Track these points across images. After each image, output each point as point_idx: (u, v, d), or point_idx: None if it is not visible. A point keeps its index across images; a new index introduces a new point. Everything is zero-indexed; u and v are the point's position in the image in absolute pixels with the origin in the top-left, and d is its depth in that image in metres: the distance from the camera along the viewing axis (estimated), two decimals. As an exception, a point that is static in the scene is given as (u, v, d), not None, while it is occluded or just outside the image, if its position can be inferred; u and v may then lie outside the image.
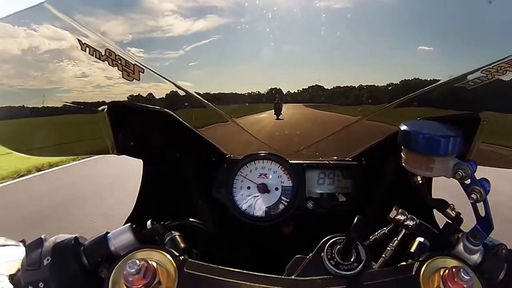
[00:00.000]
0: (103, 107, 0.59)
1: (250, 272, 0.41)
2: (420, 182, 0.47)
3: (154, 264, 0.39)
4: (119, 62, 0.57)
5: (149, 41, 0.60)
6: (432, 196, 0.57)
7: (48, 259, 0.41)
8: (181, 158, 0.70)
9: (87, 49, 0.56)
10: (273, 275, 0.41)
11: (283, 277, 0.42)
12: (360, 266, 0.41)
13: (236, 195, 0.65)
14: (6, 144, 0.62)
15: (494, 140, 0.59)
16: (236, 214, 0.63)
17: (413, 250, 0.46)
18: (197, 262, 0.42)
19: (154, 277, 0.37)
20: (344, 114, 0.67)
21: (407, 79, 0.61)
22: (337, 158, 0.71)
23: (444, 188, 0.67)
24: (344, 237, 0.43)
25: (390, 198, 0.60)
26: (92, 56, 0.56)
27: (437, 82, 0.58)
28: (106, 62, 0.56)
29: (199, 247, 0.55)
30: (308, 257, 0.44)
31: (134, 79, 0.58)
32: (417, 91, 0.59)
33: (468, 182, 0.41)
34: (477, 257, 0.43)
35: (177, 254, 0.42)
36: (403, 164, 0.47)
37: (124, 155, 0.63)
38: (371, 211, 0.66)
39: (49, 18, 0.57)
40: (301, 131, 0.71)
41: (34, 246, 0.43)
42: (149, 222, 0.50)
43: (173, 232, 0.51)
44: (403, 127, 0.45)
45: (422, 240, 0.47)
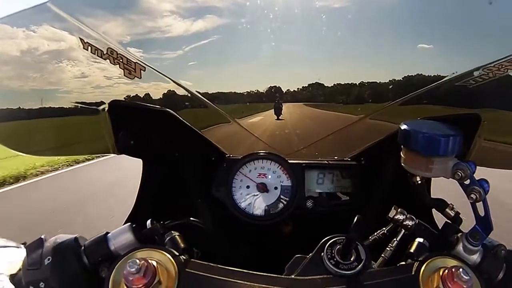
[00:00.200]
0: (104, 107, 0.59)
1: (250, 271, 0.41)
2: (419, 182, 0.47)
3: (154, 263, 0.39)
4: (121, 61, 0.57)
5: (148, 41, 0.60)
6: (431, 196, 0.57)
7: (48, 259, 0.41)
8: (181, 157, 0.70)
9: (89, 48, 0.56)
10: (273, 275, 0.42)
11: (283, 276, 0.42)
12: (360, 266, 0.41)
13: (235, 194, 0.65)
14: (8, 144, 0.62)
15: (496, 137, 0.58)
16: (235, 213, 0.64)
17: (412, 250, 0.46)
18: (197, 261, 0.42)
19: (154, 276, 0.37)
20: (345, 113, 0.66)
21: (410, 75, 0.60)
22: (337, 158, 0.71)
23: (443, 188, 0.67)
24: (343, 237, 0.43)
25: (389, 198, 0.59)
26: (94, 54, 0.56)
27: (440, 78, 0.57)
28: (108, 61, 0.56)
29: (199, 247, 0.55)
30: (308, 256, 0.44)
31: (135, 77, 0.58)
32: (419, 89, 0.58)
33: (467, 182, 0.41)
34: (476, 257, 0.43)
35: (177, 254, 0.42)
36: (402, 164, 0.47)
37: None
38: (371, 211, 0.66)
39: (48, 19, 0.57)
40: (301, 131, 0.71)
41: (35, 246, 0.44)
42: (149, 222, 0.50)
43: (173, 231, 0.51)
44: (403, 127, 0.45)
45: (421, 240, 0.47)
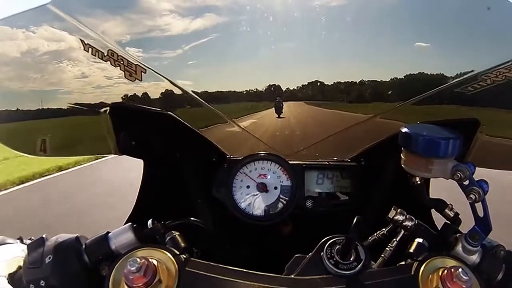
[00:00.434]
0: (105, 109, 0.60)
1: (250, 271, 0.41)
2: (418, 182, 0.47)
3: (155, 262, 0.39)
4: (121, 62, 0.57)
5: (147, 40, 0.60)
6: (429, 196, 0.57)
7: (49, 258, 0.42)
8: (181, 158, 0.70)
9: (90, 49, 0.56)
10: (273, 274, 0.42)
11: (283, 276, 0.42)
12: (359, 266, 0.41)
13: (235, 194, 0.65)
14: (10, 144, 0.62)
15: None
16: (235, 213, 0.64)
17: (412, 250, 0.46)
18: (197, 260, 0.43)
19: (154, 275, 0.38)
20: (345, 111, 0.66)
21: (412, 73, 0.60)
22: (337, 159, 0.71)
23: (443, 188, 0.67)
24: (343, 237, 0.43)
25: (389, 198, 0.60)
26: (94, 56, 0.56)
27: (440, 78, 0.58)
28: (109, 63, 0.57)
29: (199, 246, 0.56)
30: (307, 256, 0.44)
31: (136, 79, 0.58)
32: (422, 90, 0.58)
33: (466, 183, 0.42)
34: (475, 257, 0.43)
35: (177, 253, 0.42)
36: (402, 165, 0.47)
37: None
38: (370, 211, 0.66)
39: (47, 20, 0.57)
40: (301, 132, 0.71)
41: (36, 245, 0.44)
42: (149, 222, 0.50)
43: (173, 231, 0.51)
44: (404, 130, 0.46)
45: (420, 240, 0.47)
